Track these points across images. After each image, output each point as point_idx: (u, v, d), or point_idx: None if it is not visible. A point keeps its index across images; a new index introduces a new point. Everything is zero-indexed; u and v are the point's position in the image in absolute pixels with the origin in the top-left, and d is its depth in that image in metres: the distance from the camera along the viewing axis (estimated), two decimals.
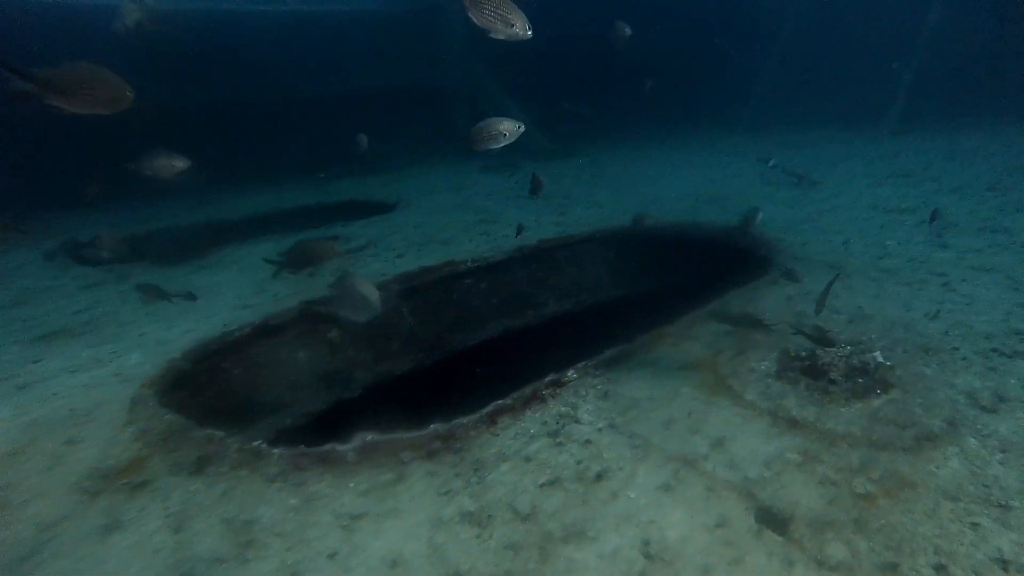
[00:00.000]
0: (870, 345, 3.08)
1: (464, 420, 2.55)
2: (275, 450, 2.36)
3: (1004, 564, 1.87)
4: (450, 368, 4.63)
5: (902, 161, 9.01)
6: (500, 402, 2.66)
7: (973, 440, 2.43)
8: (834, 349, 2.98)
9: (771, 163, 8.47)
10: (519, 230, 5.19)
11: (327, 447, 2.37)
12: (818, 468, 2.28)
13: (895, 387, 2.77)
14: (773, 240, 5.13)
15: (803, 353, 3.02)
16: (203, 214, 8.71)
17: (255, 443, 2.41)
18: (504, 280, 5.09)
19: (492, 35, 2.91)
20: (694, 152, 11.61)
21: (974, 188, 6.86)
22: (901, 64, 12.18)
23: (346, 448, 2.36)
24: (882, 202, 6.61)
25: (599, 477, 2.27)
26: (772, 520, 2.06)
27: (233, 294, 5.03)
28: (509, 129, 2.99)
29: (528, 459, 2.38)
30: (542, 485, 2.25)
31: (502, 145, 3.10)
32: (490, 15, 2.82)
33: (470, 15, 2.81)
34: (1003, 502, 2.12)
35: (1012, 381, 2.81)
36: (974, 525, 2.04)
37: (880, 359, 2.88)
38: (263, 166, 11.34)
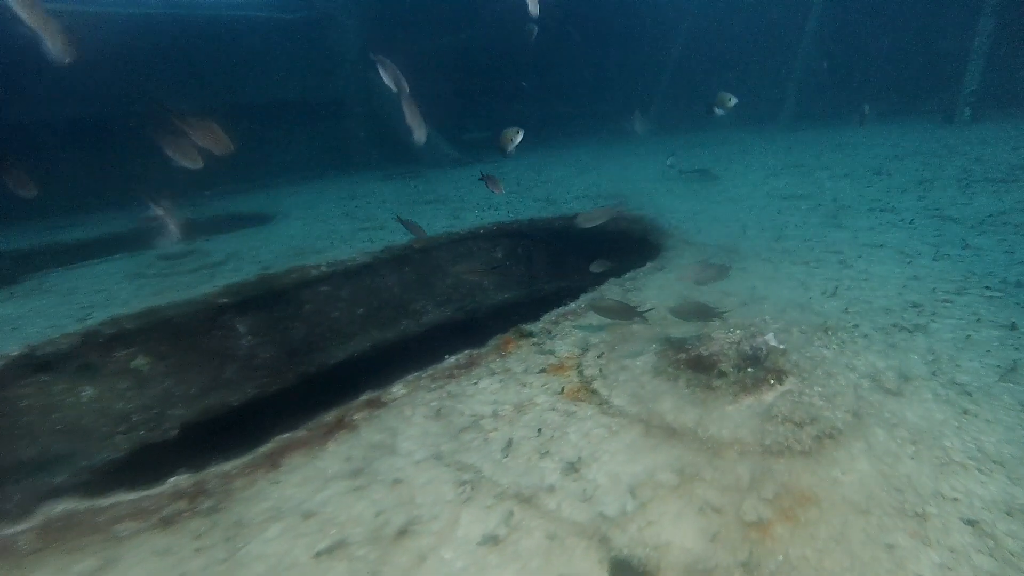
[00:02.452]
0: (762, 328, 2.63)
1: (227, 467, 1.80)
2: None
3: None
4: (302, 393, 3.83)
5: (795, 154, 9.15)
6: (288, 436, 1.93)
7: (880, 432, 1.98)
8: (722, 334, 2.49)
9: (668, 161, 8.37)
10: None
11: None
12: (698, 490, 1.72)
13: (791, 375, 2.31)
14: (667, 228, 4.76)
15: (687, 343, 2.52)
16: (50, 237, 7.59)
17: None
18: (371, 286, 4.36)
19: None
20: (597, 155, 11.45)
21: (861, 174, 6.95)
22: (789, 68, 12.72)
23: (20, 529, 1.55)
24: (778, 190, 6.52)
25: (403, 533, 1.59)
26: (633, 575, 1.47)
27: (43, 324, 4.02)
28: (515, 134, 3.73)
29: (310, 515, 1.67)
30: (319, 553, 1.55)
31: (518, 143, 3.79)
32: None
33: None
34: (919, 510, 1.67)
35: (914, 357, 2.43)
36: (889, 547, 1.55)
37: (773, 342, 2.41)
38: (136, 186, 10.16)
